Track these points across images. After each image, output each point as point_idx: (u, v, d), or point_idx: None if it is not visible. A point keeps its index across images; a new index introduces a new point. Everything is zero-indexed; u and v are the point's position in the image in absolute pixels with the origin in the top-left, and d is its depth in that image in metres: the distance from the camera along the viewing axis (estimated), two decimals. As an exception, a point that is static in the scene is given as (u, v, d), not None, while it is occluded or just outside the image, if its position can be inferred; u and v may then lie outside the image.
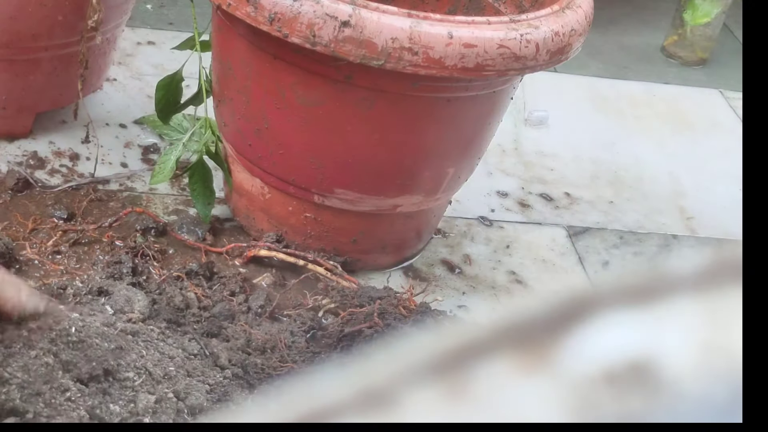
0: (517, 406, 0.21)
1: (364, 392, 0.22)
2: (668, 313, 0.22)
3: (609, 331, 0.22)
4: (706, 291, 0.22)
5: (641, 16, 2.34)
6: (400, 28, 1.12)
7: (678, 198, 1.74)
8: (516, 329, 0.22)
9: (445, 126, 1.26)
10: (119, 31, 1.58)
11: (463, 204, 1.58)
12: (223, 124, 1.38)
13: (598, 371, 0.21)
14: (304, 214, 1.35)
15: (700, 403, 0.20)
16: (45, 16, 1.39)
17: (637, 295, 0.22)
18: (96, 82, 1.59)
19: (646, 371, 0.21)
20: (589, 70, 2.07)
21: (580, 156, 1.79)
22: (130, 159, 1.52)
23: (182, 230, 1.40)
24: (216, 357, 1.12)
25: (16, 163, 1.46)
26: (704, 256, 0.23)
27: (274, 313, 1.28)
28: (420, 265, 1.45)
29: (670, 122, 1.96)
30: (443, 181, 1.33)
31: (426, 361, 0.22)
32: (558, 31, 1.20)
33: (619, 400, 0.21)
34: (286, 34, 1.13)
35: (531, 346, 0.22)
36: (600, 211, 1.66)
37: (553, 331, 0.22)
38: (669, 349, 0.21)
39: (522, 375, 0.22)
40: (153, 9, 1.94)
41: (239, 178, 1.40)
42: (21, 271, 1.27)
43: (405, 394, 0.22)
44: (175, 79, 1.43)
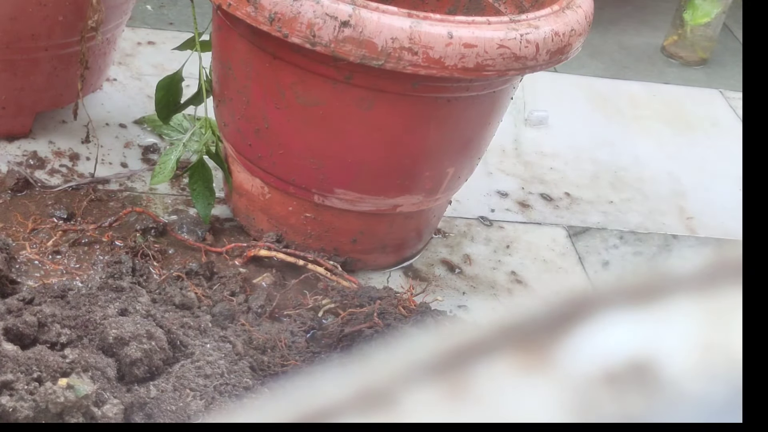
0: (517, 406, 0.21)
1: (364, 392, 0.22)
2: (668, 313, 0.22)
3: (609, 331, 0.22)
4: (706, 291, 0.22)
5: (641, 16, 2.34)
6: (400, 28, 1.12)
7: (678, 198, 1.74)
8: (516, 329, 0.22)
9: (445, 126, 1.26)
10: (119, 32, 1.58)
11: (463, 204, 1.58)
12: (223, 124, 1.38)
13: (598, 371, 0.21)
14: (304, 214, 1.35)
15: (700, 403, 0.20)
16: (45, 16, 1.39)
17: (636, 295, 0.22)
18: (96, 82, 1.59)
19: (646, 371, 0.21)
20: (589, 70, 2.07)
21: (580, 156, 1.79)
22: (130, 159, 1.52)
23: (182, 230, 1.40)
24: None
25: (16, 163, 1.46)
26: (704, 256, 0.23)
27: (274, 313, 1.28)
28: (420, 265, 1.45)
29: (670, 122, 1.96)
30: (443, 181, 1.33)
31: (426, 361, 0.22)
32: (558, 31, 1.20)
33: (618, 400, 0.21)
34: (286, 34, 1.13)
35: (531, 346, 0.22)
36: (600, 211, 1.66)
37: (553, 331, 0.22)
38: (669, 349, 0.21)
39: (522, 375, 0.22)
40: (153, 9, 1.94)
41: (239, 178, 1.40)
42: (21, 271, 1.27)
43: (405, 394, 0.22)
44: (175, 79, 1.43)
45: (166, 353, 1.10)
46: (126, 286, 1.20)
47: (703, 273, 0.22)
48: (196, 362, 1.10)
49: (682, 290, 0.22)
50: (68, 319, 1.11)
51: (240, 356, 1.15)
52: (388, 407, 0.22)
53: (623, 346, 0.21)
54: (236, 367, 1.12)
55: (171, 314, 1.19)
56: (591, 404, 0.21)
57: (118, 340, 1.08)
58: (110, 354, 1.08)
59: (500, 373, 0.22)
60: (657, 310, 0.22)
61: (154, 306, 1.18)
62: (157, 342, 1.09)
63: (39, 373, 0.99)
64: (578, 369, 0.21)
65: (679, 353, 0.21)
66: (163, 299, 1.22)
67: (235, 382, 1.10)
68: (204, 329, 1.18)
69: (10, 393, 0.96)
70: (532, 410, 0.21)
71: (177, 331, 1.14)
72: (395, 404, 0.22)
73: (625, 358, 0.21)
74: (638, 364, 0.21)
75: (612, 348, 0.21)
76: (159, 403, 1.04)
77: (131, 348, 1.07)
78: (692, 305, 0.22)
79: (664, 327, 0.21)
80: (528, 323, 0.22)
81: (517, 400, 0.21)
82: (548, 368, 0.21)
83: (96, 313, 1.12)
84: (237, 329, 1.21)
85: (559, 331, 0.22)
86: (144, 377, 1.08)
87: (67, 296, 1.17)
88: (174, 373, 1.08)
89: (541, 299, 0.23)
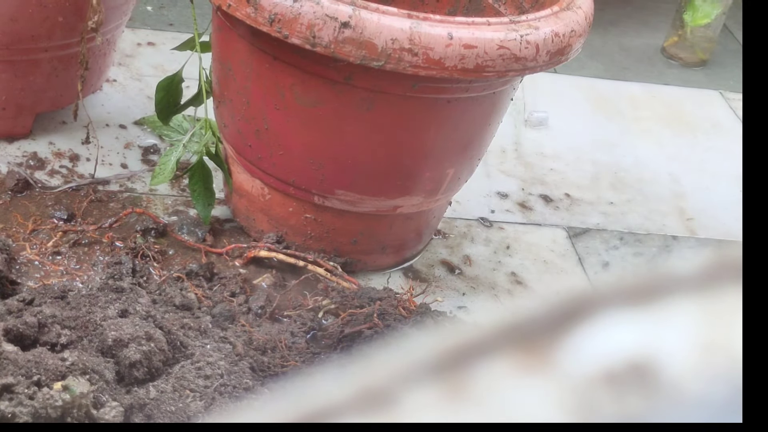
0: (516, 406, 0.21)
1: (365, 392, 0.22)
2: (668, 314, 0.22)
3: (608, 331, 0.22)
4: (706, 291, 0.22)
5: (641, 17, 2.34)
6: (400, 29, 1.12)
7: (678, 199, 1.74)
8: (516, 329, 0.23)
9: (444, 127, 1.26)
10: (119, 32, 1.58)
11: (463, 205, 1.58)
12: (223, 125, 1.38)
13: (598, 371, 0.21)
14: (305, 215, 1.35)
15: (700, 402, 0.20)
16: (45, 17, 1.39)
17: (636, 296, 0.22)
18: (96, 83, 1.59)
19: (646, 371, 0.21)
20: (589, 71, 2.07)
21: (580, 157, 1.79)
22: (130, 160, 1.52)
23: (182, 231, 1.40)
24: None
25: (16, 164, 1.46)
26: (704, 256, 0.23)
27: (275, 313, 1.28)
28: (420, 266, 1.45)
29: (670, 123, 1.96)
30: (443, 182, 1.33)
31: (426, 361, 0.22)
32: (558, 32, 1.20)
33: (618, 400, 0.21)
34: (286, 35, 1.13)
35: (531, 346, 0.22)
36: (600, 212, 1.66)
37: (553, 331, 0.22)
38: (668, 349, 0.21)
39: (522, 375, 0.22)
40: (153, 10, 1.94)
41: (239, 179, 1.40)
42: (21, 271, 1.27)
43: (405, 394, 0.22)
44: (175, 80, 1.43)
45: (165, 354, 1.10)
46: (126, 286, 1.20)
47: (703, 273, 0.22)
48: (196, 363, 1.10)
49: (681, 290, 0.22)
50: (68, 320, 1.11)
51: (240, 357, 1.15)
52: (388, 407, 0.22)
53: (623, 347, 0.21)
54: (236, 367, 1.12)
55: (171, 315, 1.19)
56: (591, 404, 0.21)
57: (117, 342, 1.08)
58: (110, 356, 1.07)
59: (500, 374, 0.22)
60: (657, 310, 0.22)
61: (154, 307, 1.18)
62: (157, 343, 1.09)
63: (39, 376, 0.99)
64: (578, 369, 0.21)
65: (678, 353, 0.21)
66: (164, 300, 1.22)
67: (236, 383, 1.10)
68: (204, 330, 1.18)
69: (9, 397, 0.96)
70: (532, 410, 0.21)
71: (177, 332, 1.14)
72: (395, 404, 0.22)
73: (625, 358, 0.21)
74: (638, 364, 0.21)
75: (612, 348, 0.21)
76: (159, 404, 1.04)
77: (130, 350, 1.07)
78: (692, 305, 0.22)
79: (663, 327, 0.21)
80: (528, 323, 0.22)
81: (516, 400, 0.21)
82: (548, 368, 0.21)
83: (96, 313, 1.12)
84: (237, 330, 1.21)
85: (559, 332, 0.22)
86: (144, 378, 1.08)
87: (67, 297, 1.17)
88: (174, 374, 1.08)
89: (540, 299, 0.23)
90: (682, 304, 0.22)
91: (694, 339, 0.21)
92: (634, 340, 0.21)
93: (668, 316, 0.22)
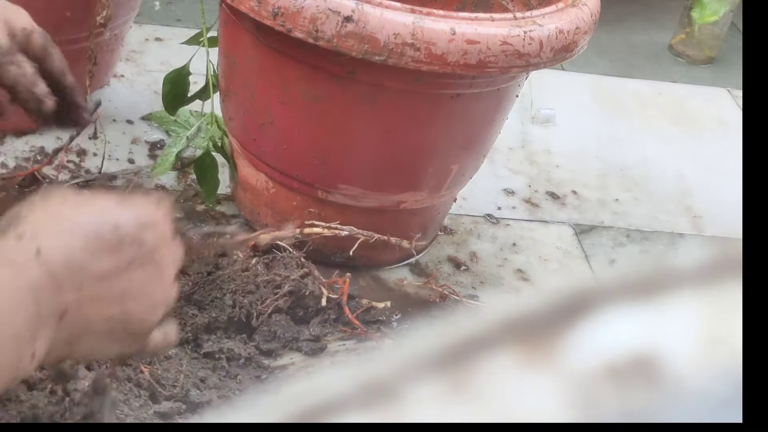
0: (519, 400, 0.21)
1: (368, 386, 0.22)
2: (670, 308, 0.22)
3: (611, 325, 0.22)
4: (709, 286, 0.22)
5: (648, 14, 2.33)
6: (402, 24, 1.12)
7: (685, 197, 1.74)
8: (519, 324, 0.23)
9: (448, 123, 1.26)
10: (127, 28, 1.58)
11: (469, 201, 1.58)
12: (228, 119, 1.38)
13: (601, 366, 0.21)
14: (308, 210, 1.35)
15: (703, 397, 0.20)
16: (53, 12, 1.39)
17: (639, 290, 0.22)
18: (103, 78, 1.59)
19: (649, 366, 0.21)
20: (596, 68, 2.06)
21: (587, 154, 1.79)
22: (137, 155, 1.53)
23: (189, 225, 1.40)
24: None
25: (24, 159, 1.46)
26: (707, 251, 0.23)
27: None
28: (425, 262, 1.45)
29: (677, 121, 1.96)
30: (447, 178, 1.33)
31: (429, 355, 0.22)
32: (562, 29, 1.20)
33: (621, 395, 0.21)
34: (290, 28, 1.13)
35: (534, 340, 0.22)
36: (607, 210, 1.66)
37: (556, 325, 0.22)
38: (671, 344, 0.21)
39: (525, 369, 0.22)
40: (161, 5, 1.94)
41: (244, 172, 1.40)
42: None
43: (408, 388, 0.22)
44: (183, 72, 1.44)
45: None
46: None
47: (706, 268, 0.22)
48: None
49: (684, 285, 0.22)
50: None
51: (240, 352, 1.15)
52: (391, 401, 0.22)
53: (626, 341, 0.21)
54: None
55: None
56: (594, 399, 0.21)
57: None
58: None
59: (503, 368, 0.22)
60: (660, 304, 0.22)
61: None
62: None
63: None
64: (581, 364, 0.21)
65: (681, 348, 0.21)
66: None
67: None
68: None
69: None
70: (535, 405, 0.21)
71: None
72: (398, 398, 0.22)
73: (628, 352, 0.21)
74: (641, 358, 0.21)
75: (615, 343, 0.21)
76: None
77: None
78: (694, 300, 0.22)
79: (666, 322, 0.21)
80: (531, 318, 0.22)
81: (519, 395, 0.21)
82: (551, 363, 0.21)
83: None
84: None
85: (561, 326, 0.22)
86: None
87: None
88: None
89: (543, 294, 0.23)
90: (685, 299, 0.22)
91: (697, 334, 0.21)
92: (637, 335, 0.21)
93: (671, 311, 0.22)
